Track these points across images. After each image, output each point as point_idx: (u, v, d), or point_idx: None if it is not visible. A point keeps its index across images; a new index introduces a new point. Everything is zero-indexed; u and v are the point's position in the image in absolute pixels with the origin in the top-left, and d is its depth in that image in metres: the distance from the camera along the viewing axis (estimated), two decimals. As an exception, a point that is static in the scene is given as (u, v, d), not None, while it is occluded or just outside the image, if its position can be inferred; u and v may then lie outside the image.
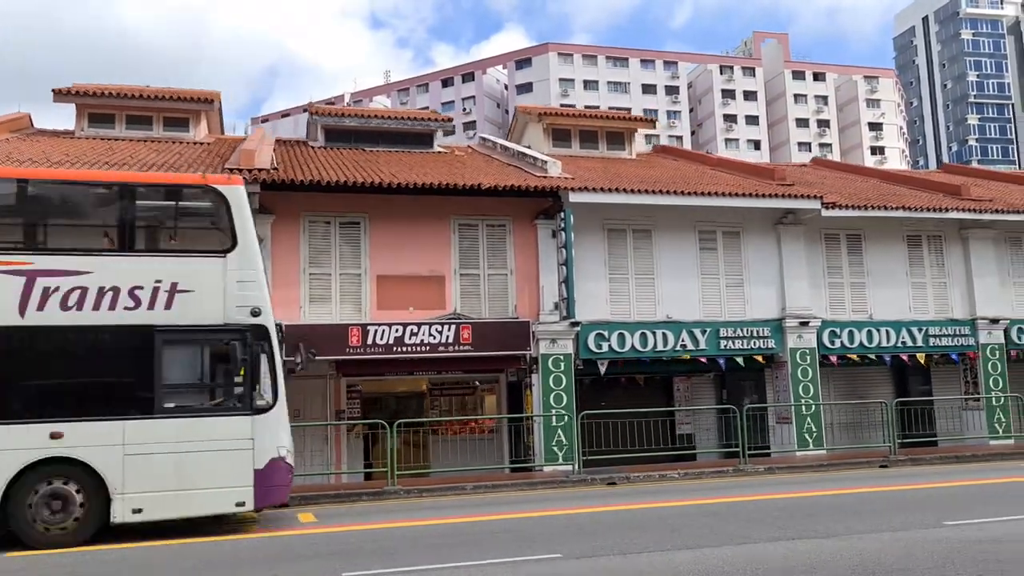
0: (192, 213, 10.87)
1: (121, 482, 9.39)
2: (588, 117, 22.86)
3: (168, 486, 9.58)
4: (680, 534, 8.70)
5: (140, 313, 9.72)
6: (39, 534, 9.16)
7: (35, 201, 10.31)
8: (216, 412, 9.95)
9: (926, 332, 19.35)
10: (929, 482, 12.99)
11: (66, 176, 12.10)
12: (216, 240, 10.25)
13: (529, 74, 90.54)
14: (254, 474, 9.81)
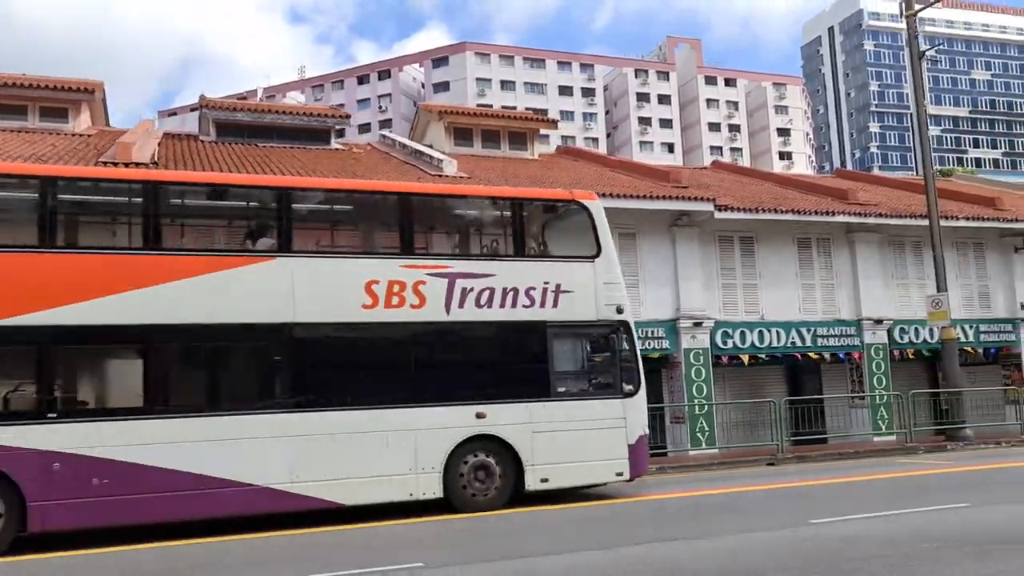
0: (563, 223, 12.33)
1: (531, 455, 10.94)
2: (490, 117, 22.73)
3: (566, 459, 11.07)
4: (548, 538, 8.59)
5: (534, 311, 11.21)
6: (469, 499, 10.68)
7: (448, 213, 12.23)
8: (595, 396, 11.54)
9: (815, 332, 19.88)
10: (807, 479, 13.26)
11: (476, 192, 13.69)
12: (584, 247, 11.77)
13: (446, 73, 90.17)
14: (628, 448, 11.39)
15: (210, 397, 10.16)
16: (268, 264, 10.25)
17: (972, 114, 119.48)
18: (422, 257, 11.15)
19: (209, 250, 10.76)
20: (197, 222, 11.42)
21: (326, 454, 10.06)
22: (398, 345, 10.71)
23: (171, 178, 11.98)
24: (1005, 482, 12.12)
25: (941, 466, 14.81)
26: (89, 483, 9.06)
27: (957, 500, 9.84)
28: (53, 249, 9.51)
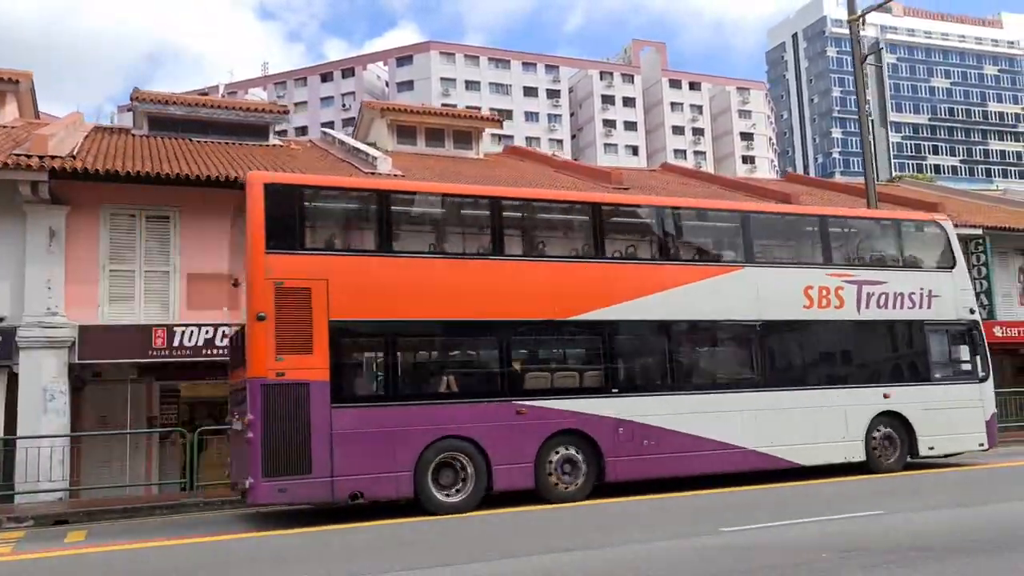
0: (926, 240, 15.00)
1: (921, 428, 13.57)
2: (434, 115, 22.38)
3: (945, 432, 13.76)
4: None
5: (915, 311, 13.93)
6: (877, 463, 13.34)
7: (846, 231, 14.93)
8: (960, 381, 14.15)
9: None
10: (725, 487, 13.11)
11: (865, 214, 16.68)
12: (944, 259, 14.59)
13: (410, 72, 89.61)
14: (985, 424, 14.09)
15: (709, 378, 12.83)
16: (738, 273, 12.96)
17: (931, 121, 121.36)
18: (838, 267, 13.74)
19: (699, 261, 13.27)
20: (691, 239, 13.70)
21: (788, 424, 12.72)
22: (828, 338, 13.46)
23: (680, 204, 15.06)
24: (931, 486, 12.03)
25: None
26: (641, 444, 11.82)
27: (878, 507, 9.72)
28: (604, 260, 12.24)
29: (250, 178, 11.05)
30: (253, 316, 10.23)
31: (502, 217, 11.90)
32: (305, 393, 10.18)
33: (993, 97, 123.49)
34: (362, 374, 11.11)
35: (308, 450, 10.11)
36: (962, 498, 10.57)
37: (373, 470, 10.37)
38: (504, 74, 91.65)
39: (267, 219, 10.50)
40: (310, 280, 10.46)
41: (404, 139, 21.91)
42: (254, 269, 10.36)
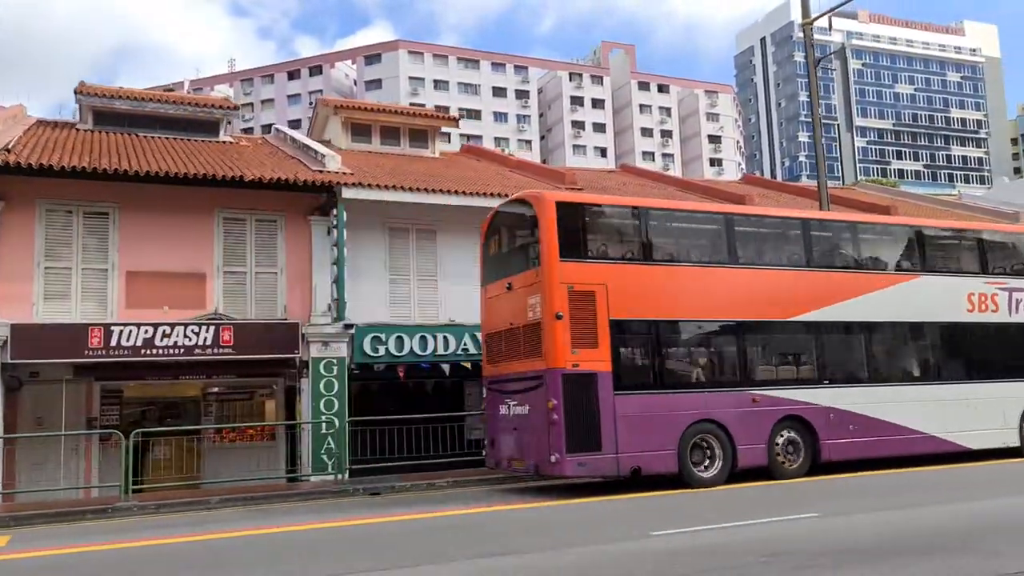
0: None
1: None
2: (389, 113, 22.11)
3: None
4: (393, 551, 8.11)
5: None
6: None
7: (1002, 246, 16.70)
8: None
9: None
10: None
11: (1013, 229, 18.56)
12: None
13: (378, 71, 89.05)
14: None
15: (898, 371, 14.59)
16: (917, 280, 14.91)
17: (896, 126, 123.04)
18: (993, 276, 15.66)
19: (887, 270, 15.05)
20: (879, 251, 15.36)
21: (959, 413, 14.44)
22: (987, 338, 15.27)
23: (872, 220, 17.03)
24: (862, 491, 12.04)
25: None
26: (847, 428, 13.65)
27: (811, 510, 9.67)
28: (812, 268, 14.14)
29: (543, 196, 12.89)
30: (551, 315, 11.98)
31: (734, 231, 13.87)
32: (593, 381, 12.01)
33: (955, 103, 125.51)
34: (635, 365, 12.79)
35: (598, 430, 11.94)
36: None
37: (647, 448, 12.21)
38: (473, 74, 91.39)
39: (559, 232, 12.25)
40: (593, 285, 12.27)
41: (359, 137, 21.64)
42: (551, 275, 12.11)
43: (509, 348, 13.23)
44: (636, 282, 12.67)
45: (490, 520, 10.37)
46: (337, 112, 21.37)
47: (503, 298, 13.47)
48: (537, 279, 12.36)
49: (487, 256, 14.45)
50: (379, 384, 18.74)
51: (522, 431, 12.75)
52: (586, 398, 11.89)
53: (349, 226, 16.40)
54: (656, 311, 12.70)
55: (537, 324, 12.29)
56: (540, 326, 12.16)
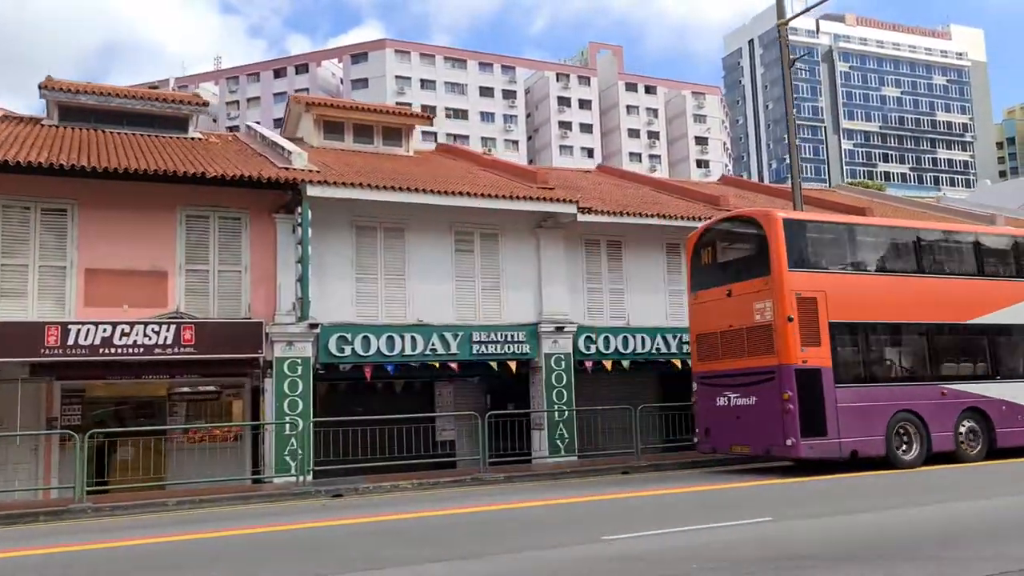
0: None
1: None
2: (362, 110, 21.89)
3: None
4: (321, 554, 7.90)
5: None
6: None
7: None
8: None
9: (680, 339, 19.62)
10: (641, 490, 12.88)
11: None
12: None
13: (365, 70, 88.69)
14: None
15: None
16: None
17: (882, 129, 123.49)
18: None
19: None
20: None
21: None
22: None
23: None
24: (818, 495, 11.92)
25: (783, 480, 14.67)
26: (1016, 418, 15.53)
27: (764, 514, 9.53)
28: (983, 277, 16.11)
29: (772, 215, 14.95)
30: (783, 318, 13.95)
31: (922, 245, 15.86)
32: (819, 375, 13.96)
33: (941, 107, 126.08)
34: (849, 362, 14.52)
35: (824, 418, 13.86)
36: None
37: (862, 434, 14.08)
38: (460, 74, 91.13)
39: (787, 246, 14.19)
40: (815, 291, 14.22)
41: (331, 135, 21.41)
42: (782, 284, 14.07)
43: (727, 347, 15.23)
44: (848, 289, 14.68)
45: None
46: (309, 109, 21.14)
47: (720, 303, 15.44)
48: (765, 287, 14.32)
49: (697, 266, 16.38)
50: (347, 384, 18.56)
51: (748, 419, 14.62)
52: (813, 390, 13.88)
53: (315, 224, 16.20)
54: (864, 315, 14.71)
55: (766, 326, 14.30)
56: (771, 327, 14.19)
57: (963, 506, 9.96)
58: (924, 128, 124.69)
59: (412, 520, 10.57)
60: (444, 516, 10.78)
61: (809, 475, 13.89)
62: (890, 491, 11.72)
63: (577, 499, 12.11)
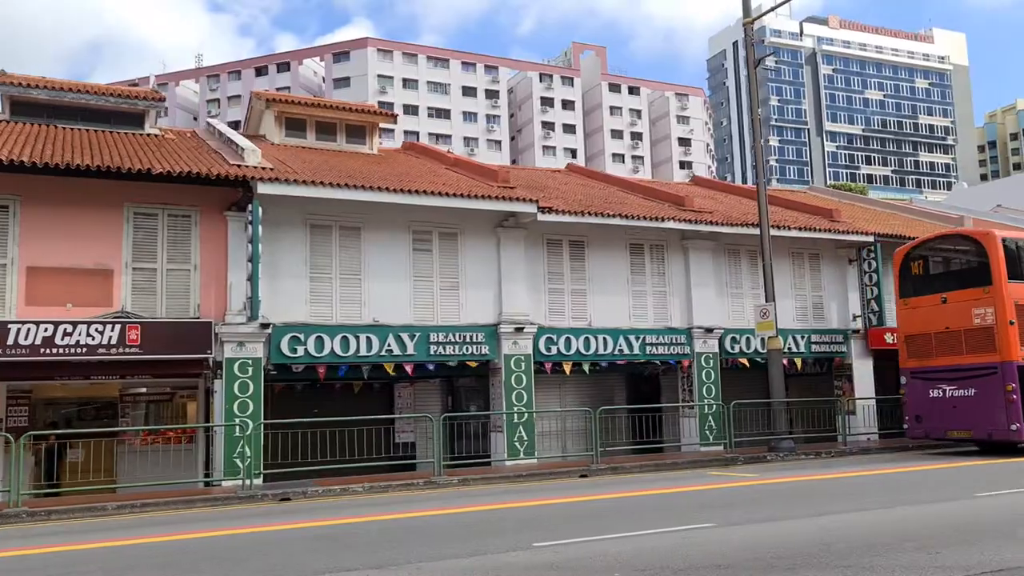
0: None
1: None
2: (324, 107, 21.59)
3: None
4: (236, 562, 7.63)
5: None
6: None
7: None
8: None
9: (644, 340, 19.46)
10: (591, 494, 12.66)
11: None
12: None
13: (346, 68, 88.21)
14: None
15: None
16: None
17: (865, 132, 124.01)
18: None
19: None
20: None
21: None
22: None
23: None
24: (771, 497, 11.74)
25: (741, 479, 14.44)
26: None
27: (711, 519, 9.32)
28: None
29: (993, 234, 17.50)
30: (1005, 322, 16.68)
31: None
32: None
33: (923, 110, 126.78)
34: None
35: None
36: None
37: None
38: (443, 73, 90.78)
39: (1006, 261, 16.92)
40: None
41: (293, 132, 21.09)
42: (1003, 293, 16.82)
43: (942, 346, 17.79)
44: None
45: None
46: (270, 106, 20.82)
47: (933, 309, 18.09)
48: (985, 295, 17.08)
49: (907, 276, 18.93)
50: (305, 386, 18.27)
51: (967, 408, 17.10)
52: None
53: (268, 223, 15.90)
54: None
55: (986, 328, 16.95)
56: (991, 330, 16.86)
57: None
58: (906, 131, 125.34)
59: (350, 525, 10.30)
60: (383, 521, 10.53)
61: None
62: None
63: (523, 503, 11.89)
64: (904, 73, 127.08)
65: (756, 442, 19.27)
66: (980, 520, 8.90)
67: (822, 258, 22.21)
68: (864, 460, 17.41)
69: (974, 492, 11.07)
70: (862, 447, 19.48)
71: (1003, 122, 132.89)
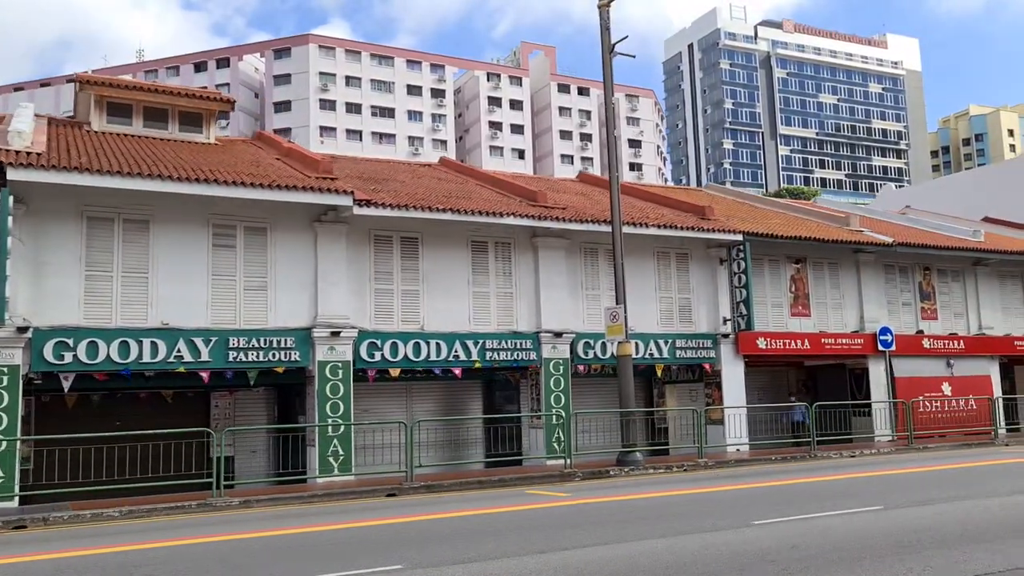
0: None
1: None
2: (151, 92, 19.88)
3: None
4: None
5: None
6: None
7: None
8: None
9: (483, 345, 18.00)
10: (368, 519, 11.15)
11: None
12: None
13: (287, 65, 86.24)
14: None
15: None
16: None
17: (819, 136, 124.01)
18: None
19: None
20: None
21: None
22: None
23: None
24: (543, 522, 10.23)
25: (552, 499, 13.00)
26: None
27: (395, 559, 7.83)
28: None
29: None
30: None
31: None
32: None
33: (877, 114, 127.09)
34: None
35: None
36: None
37: None
38: (387, 71, 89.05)
39: None
40: None
41: (117, 118, 19.39)
42: None
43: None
44: None
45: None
46: (84, 88, 19.10)
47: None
48: None
49: None
50: (102, 396, 16.67)
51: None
52: None
53: (34, 214, 14.29)
54: None
55: None
56: None
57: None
58: (860, 135, 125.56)
59: (53, 561, 8.71)
60: (101, 556, 8.94)
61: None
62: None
63: (282, 531, 10.38)
64: (858, 77, 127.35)
65: (610, 454, 17.91)
66: (747, 551, 7.48)
67: (691, 258, 20.89)
68: (713, 476, 16.01)
69: (749, 520, 9.68)
70: (719, 460, 18.15)
71: (956, 127, 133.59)
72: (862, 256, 22.94)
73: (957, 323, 24.60)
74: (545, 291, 18.76)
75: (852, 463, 18.04)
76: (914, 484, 13.34)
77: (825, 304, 22.64)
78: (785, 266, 22.13)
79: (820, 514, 10.09)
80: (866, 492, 12.40)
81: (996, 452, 19.68)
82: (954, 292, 24.84)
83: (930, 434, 21.60)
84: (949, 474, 14.81)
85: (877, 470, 15.88)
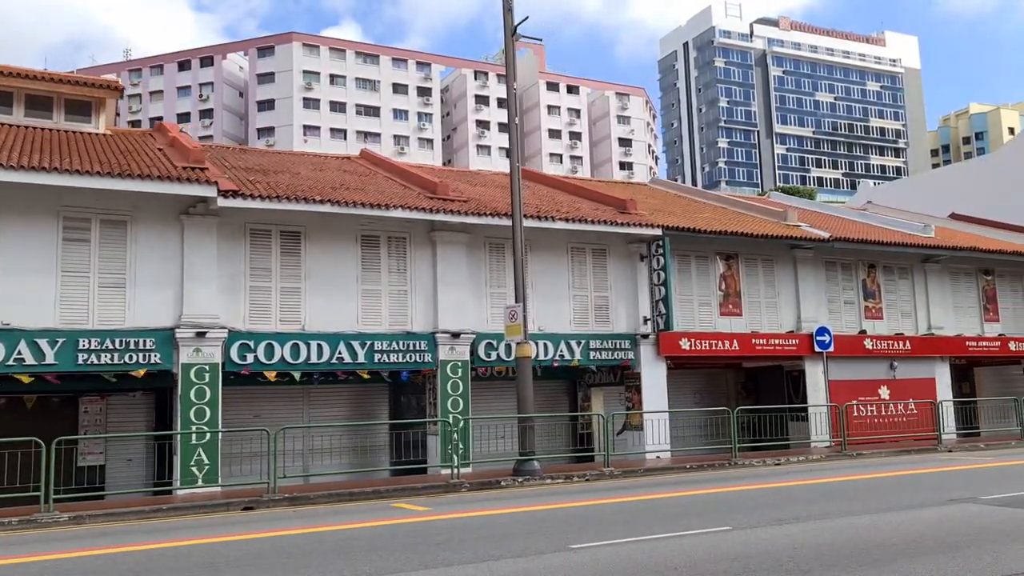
0: None
1: None
2: (34, 79, 18.79)
3: None
4: None
5: None
6: None
7: None
8: None
9: (372, 346, 16.83)
10: (157, 541, 10.00)
11: None
12: None
13: (271, 63, 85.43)
14: None
15: None
16: None
17: (816, 134, 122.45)
18: None
19: None
20: None
21: None
22: None
23: None
24: (380, 542, 9.03)
25: (414, 514, 11.80)
26: None
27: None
28: None
29: None
30: None
31: None
32: None
33: (875, 113, 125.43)
34: None
35: None
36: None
37: None
38: (372, 69, 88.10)
39: None
40: None
41: (-2, 107, 18.36)
42: None
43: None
44: None
45: None
46: (-45, 75, 18.02)
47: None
48: None
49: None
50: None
51: None
52: None
53: None
54: None
55: None
56: None
57: None
58: (857, 134, 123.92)
59: None
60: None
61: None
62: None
63: (93, 550, 9.25)
64: (855, 76, 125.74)
65: (511, 463, 16.72)
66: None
67: (610, 255, 19.68)
68: (610, 487, 14.72)
69: (569, 543, 8.47)
70: (627, 470, 16.92)
71: (956, 126, 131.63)
72: (799, 253, 21.68)
73: (904, 323, 23.30)
74: (443, 289, 17.59)
75: (770, 472, 16.80)
76: (797, 498, 12.09)
77: (759, 303, 21.39)
78: (714, 263, 20.88)
79: (649, 537, 8.87)
80: (736, 507, 11.19)
81: (931, 460, 18.40)
82: (901, 290, 23.54)
83: (867, 440, 20.33)
84: (848, 486, 13.55)
85: (780, 481, 14.63)
